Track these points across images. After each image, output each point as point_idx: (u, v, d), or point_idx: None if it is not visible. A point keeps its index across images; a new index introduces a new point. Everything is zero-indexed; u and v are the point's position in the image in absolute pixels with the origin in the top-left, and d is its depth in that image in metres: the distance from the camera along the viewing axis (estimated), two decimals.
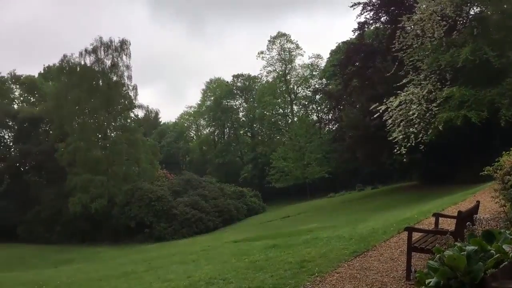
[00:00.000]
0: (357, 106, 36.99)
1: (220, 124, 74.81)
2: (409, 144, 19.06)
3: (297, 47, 67.46)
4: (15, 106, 57.70)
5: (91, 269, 19.97)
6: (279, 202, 57.17)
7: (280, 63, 67.82)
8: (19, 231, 45.26)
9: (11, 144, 54.20)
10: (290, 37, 67.20)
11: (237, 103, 77.01)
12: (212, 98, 77.29)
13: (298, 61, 68.96)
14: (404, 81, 19.94)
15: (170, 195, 45.39)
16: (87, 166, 44.30)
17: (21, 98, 63.25)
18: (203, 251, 18.83)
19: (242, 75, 74.99)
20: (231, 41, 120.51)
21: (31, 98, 61.79)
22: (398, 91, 19.89)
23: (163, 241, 40.34)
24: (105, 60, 48.57)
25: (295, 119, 67.93)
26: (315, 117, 68.45)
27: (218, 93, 75.86)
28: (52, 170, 49.15)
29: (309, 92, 67.86)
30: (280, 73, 67.87)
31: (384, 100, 20.11)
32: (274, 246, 13.83)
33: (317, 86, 66.46)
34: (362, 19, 35.34)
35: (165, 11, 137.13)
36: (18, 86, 62.47)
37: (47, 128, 52.54)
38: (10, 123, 52.64)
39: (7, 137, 54.78)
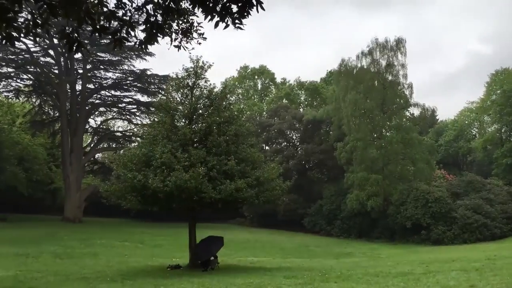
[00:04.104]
0: None
1: (509, 120, 65.97)
2: None
3: None
4: (301, 110, 64.91)
5: (369, 264, 20.64)
6: None
7: None
8: (304, 222, 50.47)
9: (297, 144, 60.79)
10: None
11: None
12: (499, 91, 69.10)
13: None
14: None
15: (448, 197, 42.96)
16: (363, 165, 45.99)
17: (306, 102, 70.85)
18: (489, 260, 17.36)
19: None
20: None
21: (314, 102, 68.42)
22: None
23: (441, 245, 38.63)
24: (380, 60, 49.24)
25: None
26: None
27: (507, 85, 67.29)
28: (331, 168, 53.14)
29: None
30: None
31: None
32: None
33: None
34: None
35: None
36: (303, 91, 70.84)
37: (327, 129, 56.86)
38: (297, 125, 59.05)
39: (294, 138, 61.75)
